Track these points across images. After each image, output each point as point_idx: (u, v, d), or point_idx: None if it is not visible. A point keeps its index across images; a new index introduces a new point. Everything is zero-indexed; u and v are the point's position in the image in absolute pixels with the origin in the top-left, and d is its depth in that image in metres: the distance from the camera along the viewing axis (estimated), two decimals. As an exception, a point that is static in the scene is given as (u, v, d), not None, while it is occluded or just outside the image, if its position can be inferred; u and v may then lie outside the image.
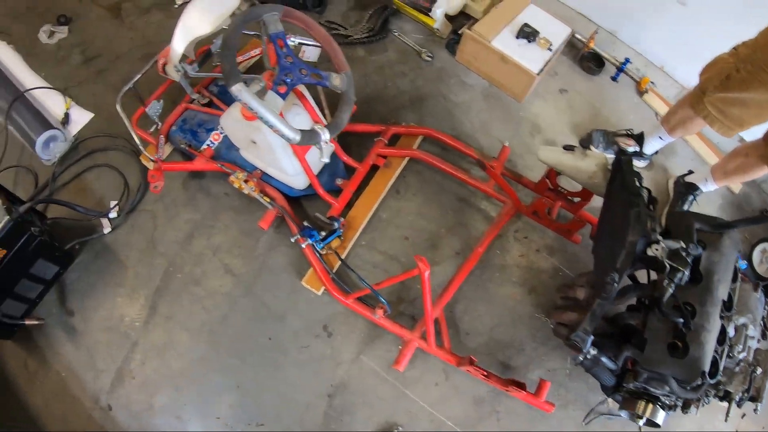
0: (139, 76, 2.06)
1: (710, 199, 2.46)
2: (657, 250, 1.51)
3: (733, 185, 2.56)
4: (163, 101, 2.13)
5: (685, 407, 1.62)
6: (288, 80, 1.59)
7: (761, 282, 2.43)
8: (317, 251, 1.93)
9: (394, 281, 1.82)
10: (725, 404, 1.69)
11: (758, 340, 1.73)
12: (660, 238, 1.55)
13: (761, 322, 1.75)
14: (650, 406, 1.58)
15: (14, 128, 2.35)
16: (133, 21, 2.71)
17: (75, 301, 2.05)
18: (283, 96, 1.57)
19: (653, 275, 1.65)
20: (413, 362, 1.91)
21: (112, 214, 2.17)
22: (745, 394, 1.67)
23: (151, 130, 2.22)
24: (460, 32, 2.45)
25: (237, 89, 1.43)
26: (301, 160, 1.89)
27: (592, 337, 1.50)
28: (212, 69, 2.20)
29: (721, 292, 1.56)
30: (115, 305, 2.03)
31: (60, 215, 2.15)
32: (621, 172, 1.73)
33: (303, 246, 1.90)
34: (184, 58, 1.83)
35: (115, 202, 2.20)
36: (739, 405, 1.69)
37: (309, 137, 1.55)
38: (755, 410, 1.70)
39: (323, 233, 1.91)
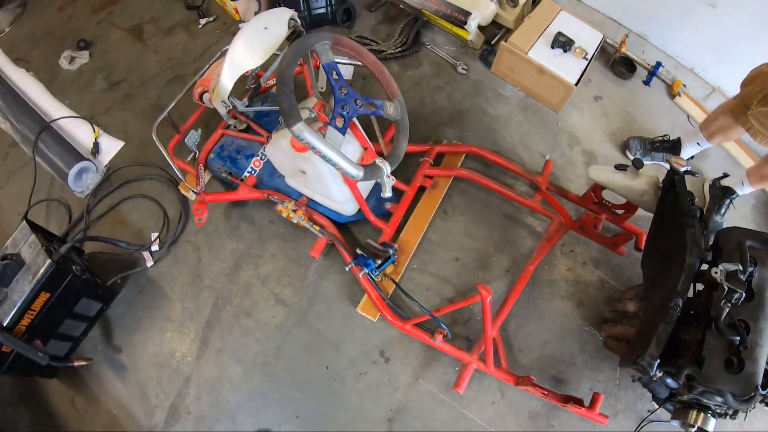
0: (173, 104, 2.05)
1: (743, 200, 2.48)
2: (717, 273, 1.54)
3: (768, 187, 2.59)
4: (200, 130, 2.09)
5: (734, 414, 1.65)
6: (345, 113, 1.56)
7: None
8: (372, 279, 1.93)
9: (454, 308, 1.83)
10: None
11: None
12: (714, 261, 1.59)
13: None
14: (702, 415, 1.62)
15: (42, 160, 2.31)
16: (156, 43, 2.66)
17: (121, 337, 2.04)
18: (342, 130, 1.54)
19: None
20: (469, 383, 1.92)
21: (154, 247, 2.15)
22: None
23: (188, 159, 2.19)
24: (492, 42, 2.43)
25: (298, 129, 1.40)
26: (353, 188, 1.88)
27: (658, 361, 1.53)
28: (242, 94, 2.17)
29: None
30: (164, 340, 2.02)
31: (99, 250, 2.13)
32: (674, 192, 1.75)
33: (359, 275, 1.90)
34: (232, 92, 1.79)
35: (156, 234, 2.18)
36: None
37: (371, 173, 1.54)
38: None
39: (378, 261, 1.90)
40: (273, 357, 1.97)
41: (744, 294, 1.53)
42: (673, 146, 2.42)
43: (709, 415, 1.61)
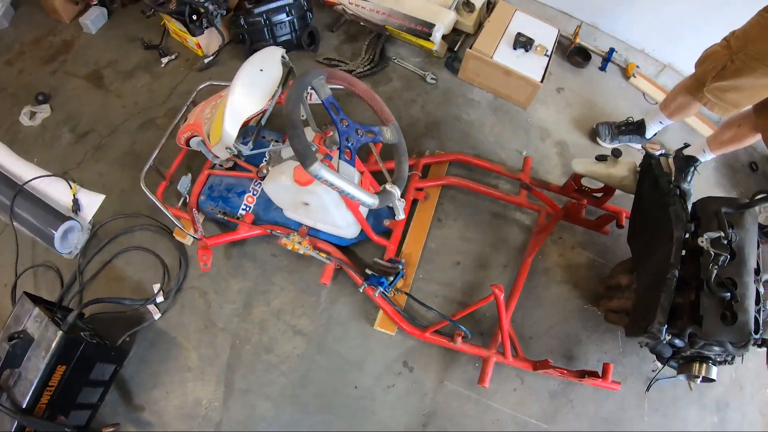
0: (157, 152, 2.03)
1: (706, 164, 2.74)
2: (703, 242, 1.75)
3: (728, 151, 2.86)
4: (190, 174, 2.10)
5: (732, 360, 1.85)
6: (350, 144, 1.63)
7: (763, 231, 2.77)
8: (386, 296, 2.01)
9: (471, 310, 1.94)
10: (763, 349, 1.90)
11: None
12: (695, 230, 1.81)
13: None
14: (704, 365, 1.82)
15: (21, 225, 2.24)
16: (118, 88, 2.61)
17: (140, 394, 2.02)
18: (352, 162, 1.61)
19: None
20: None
21: (159, 299, 2.14)
22: None
23: (179, 204, 2.20)
24: (455, 49, 2.55)
25: (316, 169, 1.45)
26: (356, 212, 1.95)
27: (666, 326, 1.71)
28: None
29: (752, 262, 1.81)
30: (186, 390, 2.02)
31: (100, 310, 2.10)
32: (652, 174, 1.95)
33: (375, 295, 1.98)
34: (237, 138, 1.81)
35: (158, 285, 2.17)
36: None
37: (385, 199, 1.61)
38: None
39: (390, 278, 1.99)
40: (300, 387, 2.03)
41: (728, 255, 1.73)
42: (638, 128, 2.63)
43: (710, 364, 1.81)
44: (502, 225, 2.36)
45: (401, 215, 1.72)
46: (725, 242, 1.75)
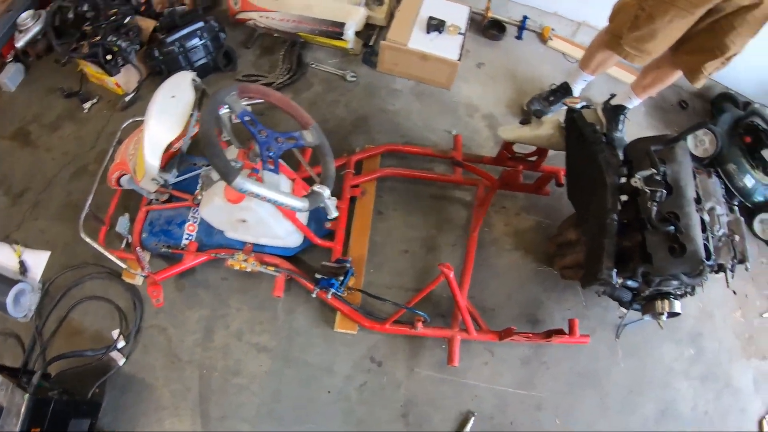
0: (90, 198, 2.05)
1: (635, 111, 2.82)
2: (637, 181, 1.82)
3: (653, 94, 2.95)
4: (128, 214, 2.12)
5: (692, 290, 1.93)
6: (271, 153, 1.68)
7: (702, 163, 2.88)
8: (340, 296, 2.05)
9: (423, 294, 2.00)
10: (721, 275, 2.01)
11: (726, 215, 2.07)
12: (630, 173, 1.85)
13: (723, 199, 2.11)
14: (666, 301, 1.87)
15: (-31, 296, 2.24)
16: (46, 141, 2.61)
17: (121, 442, 2.04)
18: (276, 170, 1.67)
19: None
20: (460, 354, 2.10)
21: (120, 344, 2.15)
22: (734, 260, 2.00)
23: (122, 246, 2.22)
24: (371, 44, 2.60)
25: (240, 183, 1.51)
26: (294, 220, 2.00)
27: (615, 270, 1.78)
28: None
29: (690, 192, 1.89)
30: (164, 429, 2.03)
31: (65, 366, 2.10)
32: (576, 128, 2.02)
33: (328, 297, 2.02)
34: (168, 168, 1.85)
35: (117, 330, 2.18)
36: (732, 270, 2.01)
37: (315, 200, 1.67)
38: (746, 269, 2.04)
39: (340, 278, 2.03)
40: (275, 403, 2.06)
41: (664, 190, 1.80)
42: (564, 90, 2.70)
43: (671, 299, 1.86)
44: (443, 205, 2.42)
45: (333, 213, 1.77)
46: (658, 178, 1.82)
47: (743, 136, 2.87)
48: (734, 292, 2.59)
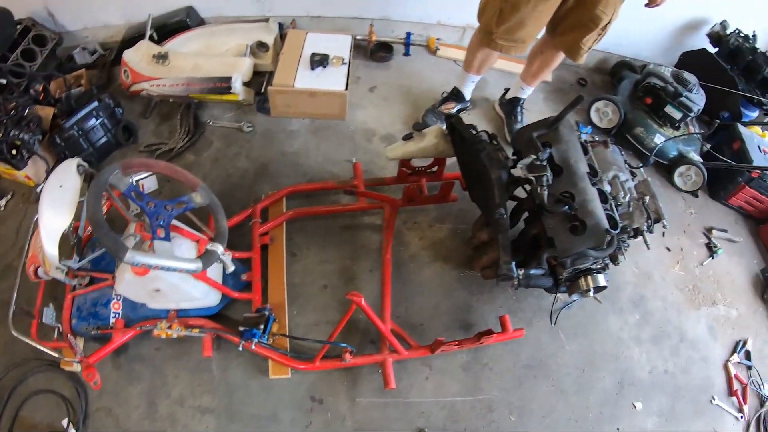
0: (15, 295, 2.11)
1: (533, 99, 2.93)
2: (519, 171, 1.91)
3: (545, 78, 3.06)
4: (52, 304, 2.18)
5: (614, 260, 2.02)
6: (161, 222, 1.77)
7: (607, 136, 3.00)
8: (266, 344, 2.12)
9: (341, 327, 2.06)
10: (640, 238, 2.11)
11: (631, 180, 2.18)
12: (514, 160, 1.94)
13: (626, 166, 2.21)
14: (588, 278, 1.96)
15: None
16: (-33, 247, 2.66)
17: None
18: (167, 238, 1.75)
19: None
20: (398, 375, 2.16)
21: (72, 432, 2.21)
22: (649, 221, 2.09)
23: (55, 336, 2.27)
24: (263, 91, 2.70)
25: (130, 257, 1.58)
26: (206, 280, 2.07)
27: (514, 263, 1.85)
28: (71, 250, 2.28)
29: (582, 168, 1.98)
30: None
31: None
32: (457, 132, 2.11)
33: (253, 348, 2.09)
34: (62, 255, 1.92)
35: (65, 419, 2.22)
36: (650, 231, 2.11)
37: (208, 259, 1.76)
38: (664, 226, 2.13)
39: (261, 326, 2.10)
40: (228, 460, 2.11)
41: (551, 173, 1.87)
42: (456, 96, 2.81)
43: (594, 274, 1.95)
44: (355, 234, 2.50)
45: (231, 267, 1.87)
46: (541, 163, 1.88)
47: (644, 98, 3.03)
48: (668, 249, 2.74)
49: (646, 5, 2.12)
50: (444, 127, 2.24)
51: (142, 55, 2.83)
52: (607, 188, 2.07)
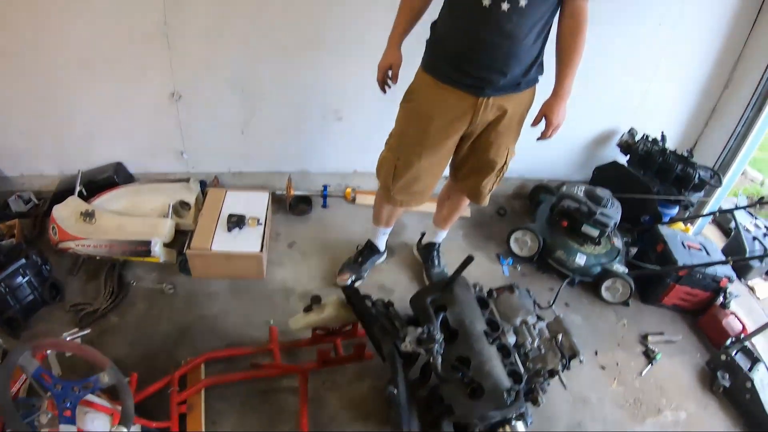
0: None
1: (453, 235, 3.06)
2: (407, 346, 1.91)
3: (461, 215, 3.21)
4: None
5: (534, 402, 2.01)
6: (68, 404, 1.81)
7: (532, 261, 3.06)
8: None
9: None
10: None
11: (541, 320, 2.24)
12: (408, 331, 1.92)
13: (534, 308, 2.28)
14: (507, 427, 1.87)
15: None
16: None
17: None
18: (73, 420, 1.79)
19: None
20: None
21: None
22: (564, 360, 2.10)
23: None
24: (185, 251, 2.83)
25: None
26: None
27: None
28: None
29: (479, 327, 2.03)
30: None
31: None
32: (352, 304, 2.22)
33: None
34: None
35: None
36: (568, 368, 2.12)
37: None
38: (581, 361, 2.15)
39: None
40: None
41: (441, 342, 1.86)
42: (370, 248, 2.96)
43: (511, 423, 1.88)
44: (274, 399, 2.53)
45: None
46: (429, 334, 1.89)
47: (560, 221, 3.18)
48: (602, 367, 2.76)
49: (538, 139, 2.23)
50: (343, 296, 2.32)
51: (70, 211, 2.95)
52: (512, 339, 2.13)
